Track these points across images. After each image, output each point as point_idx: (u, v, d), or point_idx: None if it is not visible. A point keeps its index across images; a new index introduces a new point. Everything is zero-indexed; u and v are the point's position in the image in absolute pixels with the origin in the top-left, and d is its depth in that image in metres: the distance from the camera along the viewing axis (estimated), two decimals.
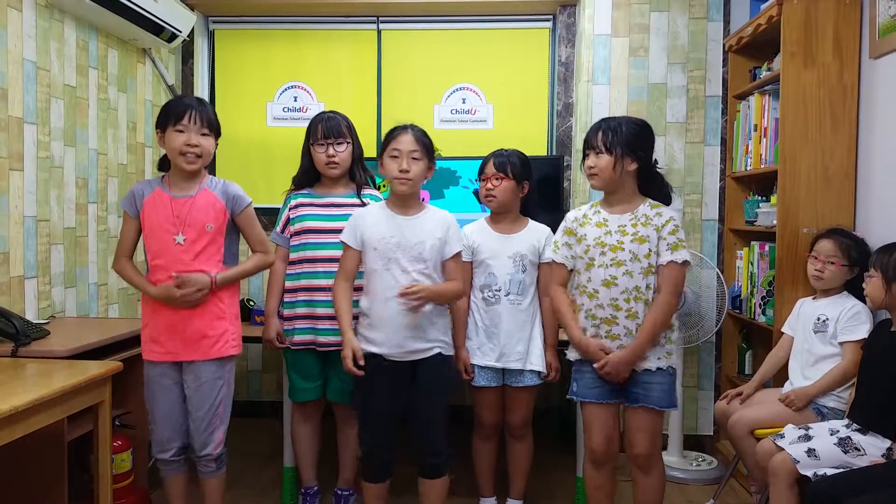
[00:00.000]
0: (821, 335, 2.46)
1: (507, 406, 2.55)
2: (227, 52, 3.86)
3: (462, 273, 2.35)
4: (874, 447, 2.11)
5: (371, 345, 2.18)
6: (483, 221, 2.60)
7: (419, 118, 3.88)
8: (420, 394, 2.21)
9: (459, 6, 3.66)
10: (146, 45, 3.40)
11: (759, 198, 3.15)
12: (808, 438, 2.17)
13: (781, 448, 2.16)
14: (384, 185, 3.29)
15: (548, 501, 2.83)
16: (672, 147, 3.42)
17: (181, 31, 3.34)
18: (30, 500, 2.07)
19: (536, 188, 2.60)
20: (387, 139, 2.23)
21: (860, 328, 2.38)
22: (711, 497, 2.84)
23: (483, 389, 2.52)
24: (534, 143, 3.71)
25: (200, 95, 3.78)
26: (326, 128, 2.51)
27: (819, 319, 2.48)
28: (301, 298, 2.53)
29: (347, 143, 2.55)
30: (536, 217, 2.59)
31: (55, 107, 2.79)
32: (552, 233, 2.51)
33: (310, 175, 2.60)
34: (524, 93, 3.77)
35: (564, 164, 3.50)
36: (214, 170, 3.73)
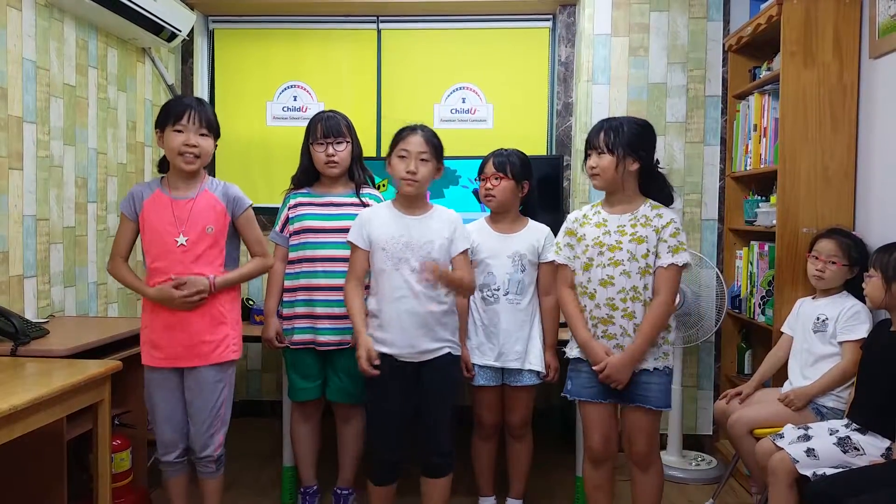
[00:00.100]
0: (820, 335, 2.46)
1: (507, 406, 2.55)
2: (227, 52, 3.86)
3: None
4: (873, 447, 2.11)
5: (381, 345, 2.17)
6: (483, 221, 2.60)
7: (419, 118, 3.86)
8: (429, 394, 2.20)
9: (459, 6, 3.66)
10: (146, 45, 3.40)
11: (759, 197, 3.15)
12: (808, 438, 2.17)
13: (781, 448, 2.16)
14: (384, 185, 3.29)
15: (547, 501, 2.83)
16: (672, 147, 3.41)
17: (181, 31, 3.34)
18: (29, 500, 2.07)
19: (536, 188, 2.60)
20: (396, 139, 2.22)
21: (860, 328, 2.38)
22: (711, 497, 2.84)
23: (482, 389, 2.52)
24: (533, 143, 3.71)
25: (200, 95, 3.78)
26: (326, 127, 2.51)
27: (818, 319, 2.48)
28: (300, 298, 2.53)
29: (347, 143, 2.54)
30: (536, 217, 2.59)
31: (55, 106, 2.79)
32: (552, 233, 2.52)
33: (309, 174, 2.60)
34: (524, 92, 3.76)
35: (564, 164, 3.50)
36: (214, 169, 3.73)
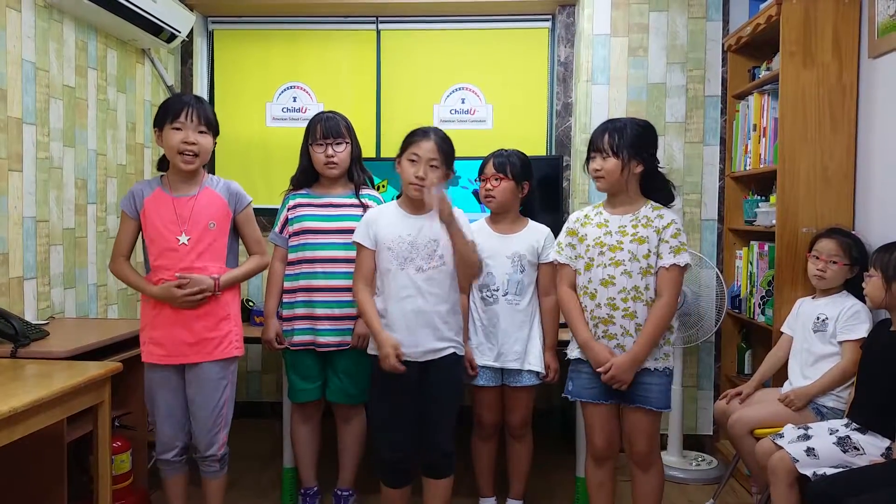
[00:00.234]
0: (820, 334, 2.46)
1: (507, 406, 2.55)
2: (227, 53, 3.86)
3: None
4: (873, 446, 2.11)
5: None
6: (483, 221, 2.59)
7: (418, 118, 3.87)
8: (432, 394, 2.20)
9: (458, 6, 3.66)
10: (145, 46, 3.40)
11: (759, 197, 3.15)
12: (808, 438, 2.17)
13: (780, 447, 2.16)
14: (383, 186, 3.29)
15: (547, 501, 2.83)
16: (671, 147, 3.41)
17: (180, 32, 3.34)
18: (29, 501, 2.07)
19: (536, 188, 2.60)
20: (408, 141, 2.21)
21: (859, 327, 2.38)
22: (711, 497, 2.84)
23: (482, 389, 2.52)
24: (533, 143, 3.71)
25: (200, 96, 3.78)
26: (325, 128, 2.51)
27: (818, 319, 2.48)
28: (300, 299, 2.52)
29: (346, 144, 2.54)
30: (535, 217, 2.59)
31: (54, 107, 2.79)
32: (551, 233, 2.52)
33: (308, 175, 2.59)
34: (523, 93, 3.76)
35: (564, 164, 3.50)
36: (214, 170, 3.73)
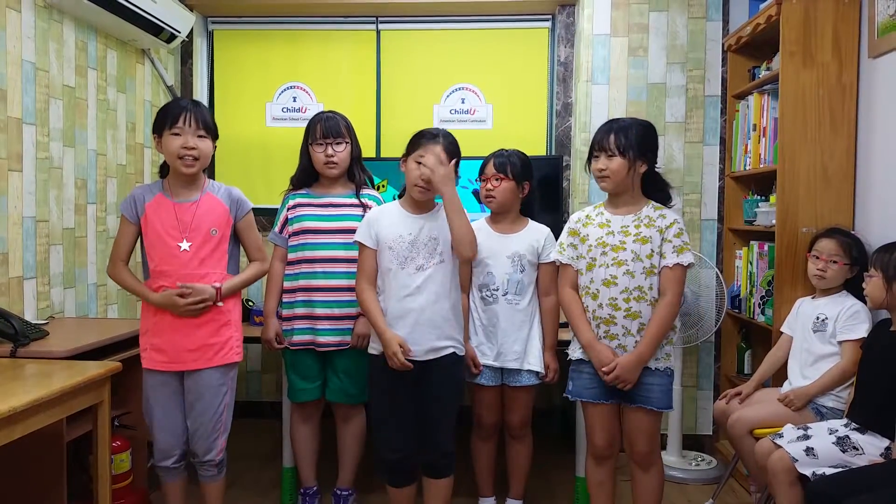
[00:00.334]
0: (820, 334, 2.46)
1: (506, 406, 2.55)
2: (227, 53, 3.86)
3: (465, 272, 2.40)
4: (873, 446, 2.11)
5: None
6: (483, 221, 2.59)
7: (418, 118, 3.88)
8: (432, 394, 2.20)
9: (458, 6, 3.65)
10: (145, 46, 3.40)
11: (758, 197, 3.15)
12: (807, 438, 2.17)
13: (780, 447, 2.16)
14: (383, 186, 3.29)
15: (547, 501, 2.83)
16: (671, 147, 3.41)
17: (180, 32, 3.34)
18: (29, 501, 2.07)
19: (535, 188, 2.60)
20: (415, 143, 2.21)
21: (859, 327, 2.38)
22: (711, 497, 2.84)
23: (482, 389, 2.51)
24: (533, 143, 3.71)
25: (200, 96, 3.78)
26: (325, 128, 2.51)
27: (818, 318, 2.48)
28: (300, 299, 2.52)
29: (346, 143, 2.54)
30: (535, 217, 2.59)
31: (54, 107, 2.79)
32: (551, 233, 2.52)
33: (308, 175, 2.59)
34: (523, 93, 3.76)
35: (563, 164, 3.50)
36: (213, 171, 3.73)
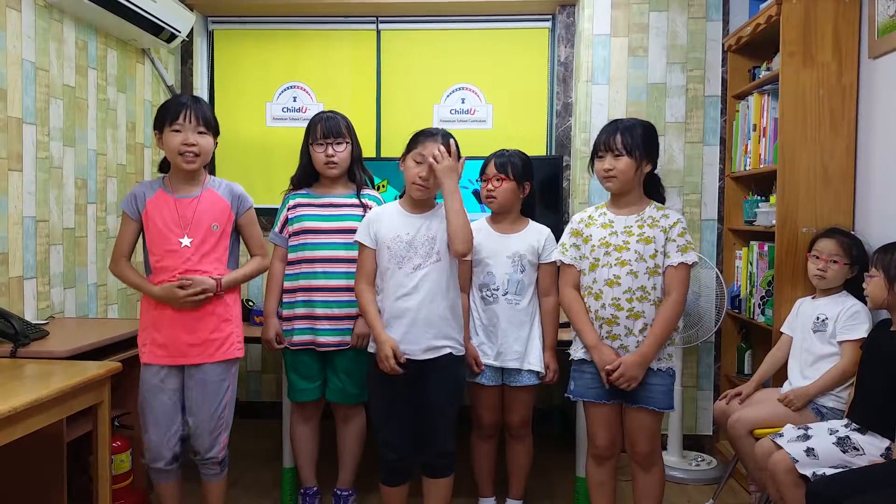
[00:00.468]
0: (820, 334, 2.46)
1: (506, 406, 2.55)
2: (227, 53, 3.86)
3: (465, 271, 2.40)
4: (873, 447, 2.11)
5: None
6: (483, 221, 2.60)
7: (419, 118, 3.88)
8: (432, 394, 2.21)
9: (459, 6, 3.65)
10: (145, 46, 3.40)
11: (759, 197, 3.15)
12: (807, 438, 2.17)
13: (780, 447, 2.16)
14: (383, 186, 3.29)
15: (547, 501, 2.83)
16: (671, 147, 3.41)
17: (180, 32, 3.34)
18: (29, 501, 2.07)
19: (536, 188, 2.60)
20: (415, 141, 2.22)
21: (859, 327, 2.38)
22: (711, 497, 2.84)
23: (482, 388, 2.51)
24: (533, 144, 3.71)
25: (200, 96, 3.78)
26: (325, 127, 2.51)
27: (818, 319, 2.48)
28: (300, 299, 2.52)
29: (346, 143, 2.54)
30: (535, 217, 2.59)
31: (54, 107, 2.79)
32: (552, 233, 2.52)
33: (308, 175, 2.59)
34: (523, 93, 3.76)
35: (564, 165, 3.50)
36: (214, 170, 3.73)
